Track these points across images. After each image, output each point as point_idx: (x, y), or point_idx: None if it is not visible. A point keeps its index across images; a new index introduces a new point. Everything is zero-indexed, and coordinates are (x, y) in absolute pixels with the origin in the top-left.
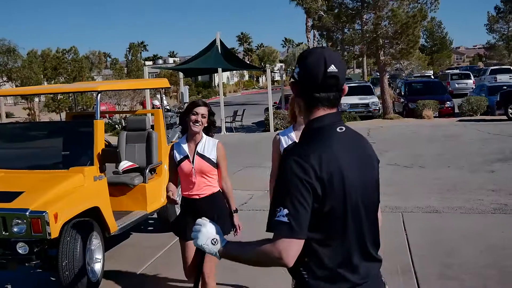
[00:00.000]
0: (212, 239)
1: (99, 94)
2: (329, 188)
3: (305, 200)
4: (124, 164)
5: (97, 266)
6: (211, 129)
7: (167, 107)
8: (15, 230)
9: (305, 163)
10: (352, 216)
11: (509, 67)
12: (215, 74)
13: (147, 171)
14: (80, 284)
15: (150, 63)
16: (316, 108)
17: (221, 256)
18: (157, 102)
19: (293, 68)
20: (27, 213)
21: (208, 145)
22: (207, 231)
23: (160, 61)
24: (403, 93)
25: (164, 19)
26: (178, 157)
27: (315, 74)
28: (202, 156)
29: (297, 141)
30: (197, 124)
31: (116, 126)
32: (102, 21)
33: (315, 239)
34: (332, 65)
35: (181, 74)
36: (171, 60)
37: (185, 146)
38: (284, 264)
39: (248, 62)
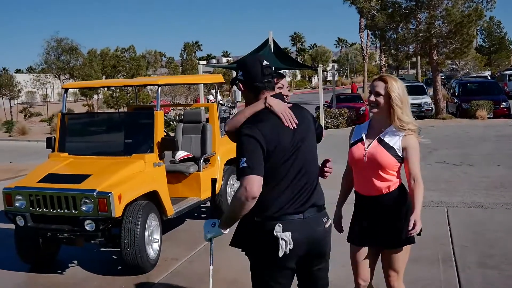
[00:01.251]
0: (211, 224)
1: (159, 88)
2: (271, 146)
3: (256, 149)
4: (181, 154)
5: (155, 246)
6: None
7: (221, 102)
8: (83, 208)
9: (253, 127)
10: (289, 165)
11: None
12: None
13: (201, 160)
14: (140, 261)
15: (204, 62)
16: (261, 93)
17: (223, 227)
18: (211, 97)
19: (238, 74)
20: (95, 194)
21: None
22: (205, 225)
23: (214, 61)
24: (457, 94)
25: (218, 20)
26: None
27: (256, 69)
28: None
29: (365, 134)
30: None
31: (171, 122)
32: (158, 21)
33: (265, 185)
34: (264, 61)
35: (234, 73)
36: (224, 59)
37: None
38: (250, 196)
39: (300, 62)
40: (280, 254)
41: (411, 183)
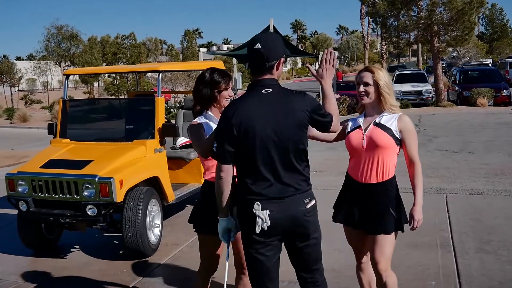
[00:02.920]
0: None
1: (160, 74)
2: (242, 131)
3: (225, 139)
4: (181, 140)
5: (156, 231)
6: None
7: None
8: (85, 194)
9: (226, 114)
10: (263, 151)
11: None
12: None
13: None
14: (141, 245)
15: (205, 50)
16: (256, 75)
17: (220, 215)
18: None
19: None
20: (96, 179)
21: None
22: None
23: (214, 48)
24: (457, 81)
25: (218, 7)
26: None
27: (249, 51)
28: None
29: (362, 122)
30: None
31: (171, 110)
32: (159, 8)
33: (240, 166)
34: (258, 43)
35: (234, 60)
36: (225, 47)
37: None
38: (217, 177)
39: (301, 49)
40: (257, 230)
41: (409, 166)
